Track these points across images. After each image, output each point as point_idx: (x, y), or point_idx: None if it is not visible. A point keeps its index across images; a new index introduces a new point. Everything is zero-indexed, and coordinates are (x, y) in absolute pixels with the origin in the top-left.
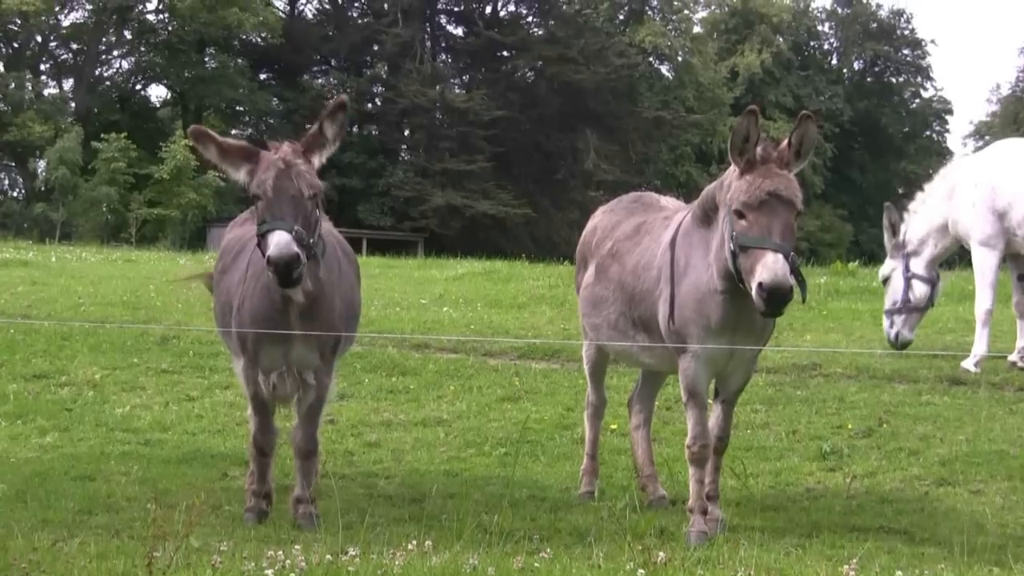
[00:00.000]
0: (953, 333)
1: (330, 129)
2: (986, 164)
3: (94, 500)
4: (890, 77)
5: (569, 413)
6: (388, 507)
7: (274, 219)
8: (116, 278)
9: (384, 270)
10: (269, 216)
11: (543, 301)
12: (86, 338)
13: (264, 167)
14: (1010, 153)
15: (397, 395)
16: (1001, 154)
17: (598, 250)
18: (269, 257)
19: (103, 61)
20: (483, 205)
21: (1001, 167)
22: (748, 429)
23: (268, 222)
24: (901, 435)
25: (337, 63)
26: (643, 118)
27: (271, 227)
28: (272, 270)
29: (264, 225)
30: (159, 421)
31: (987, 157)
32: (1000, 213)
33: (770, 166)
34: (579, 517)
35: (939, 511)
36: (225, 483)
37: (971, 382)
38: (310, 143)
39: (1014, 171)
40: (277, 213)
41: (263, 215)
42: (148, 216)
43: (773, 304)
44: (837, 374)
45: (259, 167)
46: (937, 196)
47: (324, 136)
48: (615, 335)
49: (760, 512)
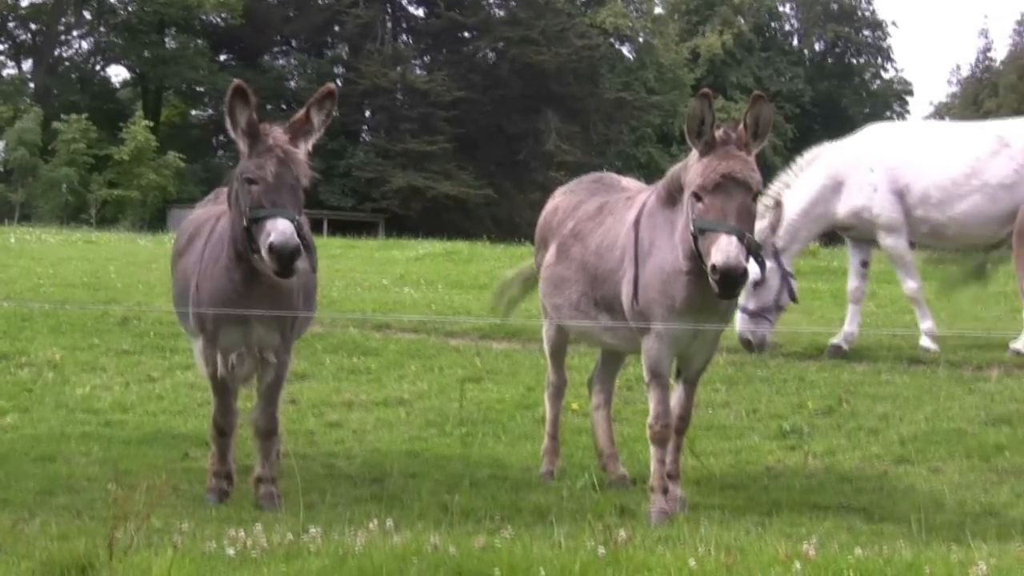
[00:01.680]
0: (911, 313)
1: (317, 116)
2: (875, 148)
3: (55, 481)
4: (851, 58)
5: (530, 393)
6: (349, 487)
7: (274, 206)
8: (76, 259)
9: (345, 251)
10: (267, 202)
11: None
12: (46, 319)
13: (263, 150)
14: (893, 135)
15: (358, 375)
16: (884, 137)
17: (559, 230)
18: (272, 245)
19: (63, 42)
20: (444, 186)
21: (895, 148)
22: (709, 408)
23: (266, 208)
24: (861, 414)
25: (298, 44)
26: (604, 99)
27: (271, 214)
28: (275, 259)
29: (261, 211)
30: (120, 402)
31: (870, 142)
32: (899, 194)
33: (728, 148)
34: (540, 496)
35: (898, 489)
36: (186, 463)
37: (930, 361)
38: (296, 129)
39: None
40: (277, 201)
41: (259, 200)
42: (108, 197)
43: (727, 286)
44: (797, 354)
45: (258, 147)
46: (814, 188)
47: (310, 123)
48: (577, 315)
49: (720, 491)
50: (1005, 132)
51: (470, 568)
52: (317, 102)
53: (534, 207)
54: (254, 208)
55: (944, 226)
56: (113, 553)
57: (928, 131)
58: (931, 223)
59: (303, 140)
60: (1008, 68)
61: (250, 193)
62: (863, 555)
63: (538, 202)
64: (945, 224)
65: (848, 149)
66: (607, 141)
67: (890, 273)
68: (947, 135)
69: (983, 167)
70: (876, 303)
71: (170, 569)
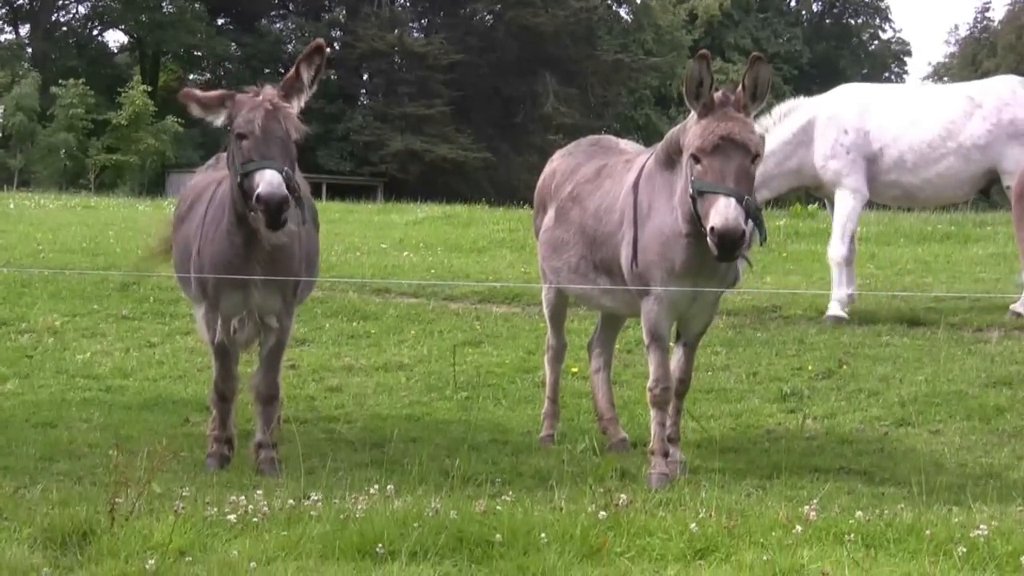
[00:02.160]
0: (911, 274)
1: (306, 73)
2: (850, 109)
3: (55, 447)
4: (848, 19)
5: (530, 357)
6: (350, 452)
7: (262, 159)
8: (75, 225)
9: (344, 215)
10: (257, 155)
11: (503, 245)
12: (46, 285)
13: (249, 107)
14: (868, 97)
15: (358, 340)
16: (859, 99)
17: (558, 193)
18: (259, 195)
19: (60, 6)
20: (442, 149)
21: (869, 112)
22: (708, 371)
23: (255, 161)
24: (861, 376)
25: (295, 7)
26: (602, 61)
27: (259, 166)
28: (263, 209)
29: (251, 164)
30: (120, 367)
31: (846, 103)
32: (871, 158)
33: (727, 110)
34: (541, 460)
35: (898, 451)
36: (187, 429)
37: (930, 323)
38: (288, 87)
39: (884, 114)
40: (266, 153)
41: (248, 154)
42: (107, 162)
43: (725, 248)
44: (797, 316)
45: (240, 107)
46: (784, 140)
47: (301, 80)
48: (576, 278)
49: (721, 454)
50: (975, 93)
51: (471, 532)
52: (306, 58)
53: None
54: (244, 163)
55: (918, 188)
56: (114, 519)
57: (901, 94)
58: (903, 186)
59: (295, 97)
60: (1006, 28)
61: (241, 149)
62: (864, 518)
63: (536, 165)
64: (919, 187)
65: (824, 107)
66: (605, 103)
67: (888, 235)
68: (920, 98)
69: (958, 129)
70: (876, 265)
71: (171, 535)
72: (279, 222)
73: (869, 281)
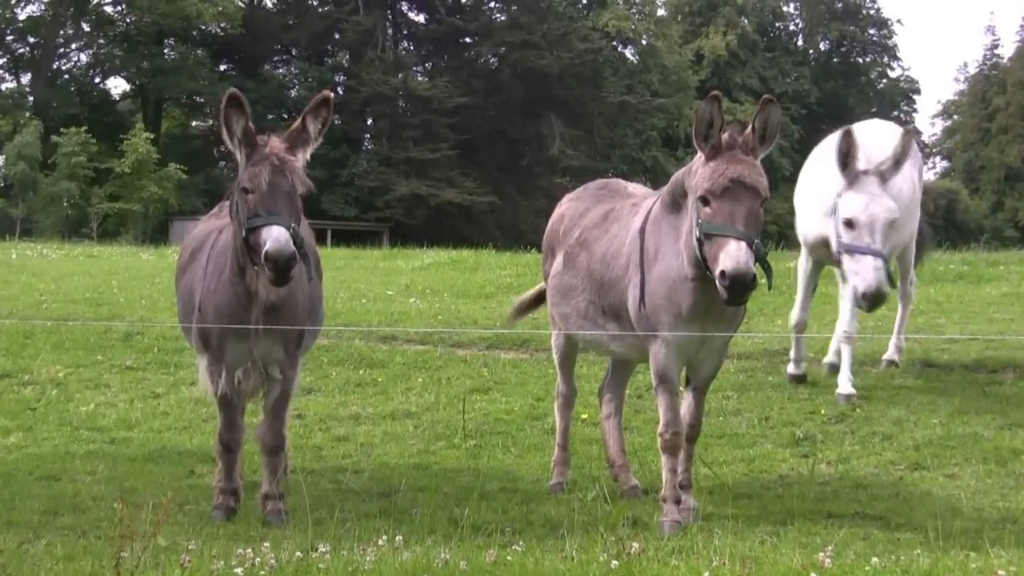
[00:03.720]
0: (924, 315)
1: (313, 125)
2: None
3: (60, 500)
4: (856, 57)
5: (539, 403)
6: (358, 502)
7: (269, 214)
8: (78, 274)
9: (349, 261)
10: (263, 210)
11: (511, 290)
12: (49, 336)
13: (257, 159)
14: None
15: (365, 388)
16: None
17: (566, 238)
18: (267, 253)
19: (61, 54)
20: (448, 194)
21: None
22: (720, 416)
23: (262, 216)
24: (874, 419)
25: (298, 52)
26: (608, 103)
27: (266, 222)
28: (271, 267)
29: (257, 219)
30: (124, 419)
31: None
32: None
33: (735, 152)
34: (551, 508)
35: (914, 496)
36: (192, 481)
37: (944, 364)
38: (293, 139)
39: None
40: (272, 208)
41: (254, 209)
42: (109, 210)
43: (735, 292)
44: (809, 359)
45: (254, 157)
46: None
47: (307, 132)
48: (585, 324)
49: (734, 500)
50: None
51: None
52: (313, 110)
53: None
54: (251, 217)
55: None
56: (120, 573)
57: None
58: None
59: (301, 149)
60: (1016, 64)
61: (247, 203)
62: (880, 564)
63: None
64: None
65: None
66: (611, 145)
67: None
68: None
69: None
70: (888, 306)
71: None
72: (287, 278)
73: (881, 323)
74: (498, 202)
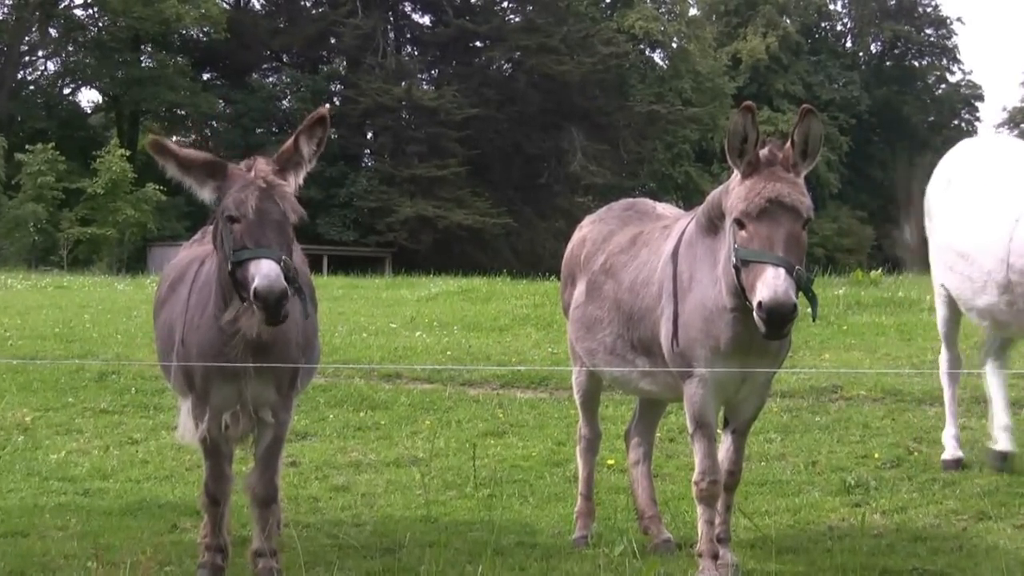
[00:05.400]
0: None
1: (307, 146)
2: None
3: (27, 559)
4: (912, 60)
5: (560, 448)
6: (358, 559)
7: (258, 246)
8: (46, 307)
9: (348, 291)
10: (251, 242)
11: (527, 322)
12: (15, 376)
13: (240, 185)
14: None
15: (366, 432)
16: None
17: (589, 265)
18: (256, 291)
19: (27, 63)
20: (457, 215)
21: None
22: (762, 461)
23: (250, 248)
24: (934, 464)
25: (290, 59)
26: (635, 113)
27: (254, 254)
28: (260, 305)
29: (244, 252)
30: (99, 468)
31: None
32: None
33: (774, 169)
34: (574, 565)
35: (979, 549)
36: (175, 536)
37: (1011, 402)
38: (284, 160)
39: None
40: (261, 240)
41: (241, 240)
42: (81, 236)
43: (774, 325)
44: (860, 397)
45: (231, 183)
46: None
47: (300, 153)
48: (613, 360)
49: (777, 555)
50: None
51: None
52: (307, 129)
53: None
54: (237, 249)
55: None
56: None
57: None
58: None
59: (292, 173)
60: None
61: (232, 232)
62: None
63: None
64: None
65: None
66: (639, 160)
67: None
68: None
69: None
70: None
71: None
72: (279, 317)
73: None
74: (513, 224)
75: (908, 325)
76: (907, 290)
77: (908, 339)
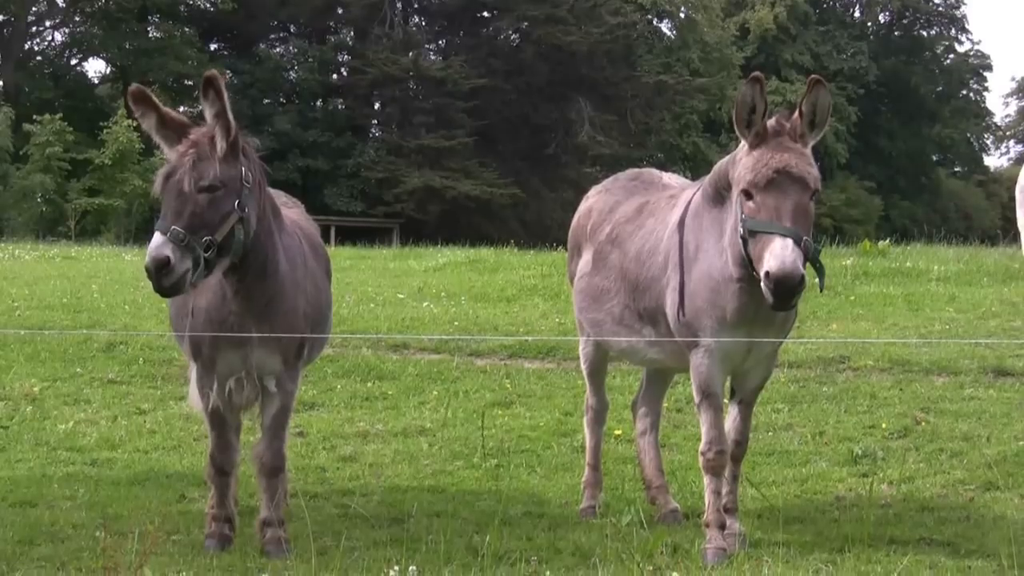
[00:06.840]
0: (997, 318)
1: (208, 111)
2: None
3: (35, 529)
4: (920, 30)
5: (567, 418)
6: (366, 529)
7: (158, 219)
8: (54, 278)
9: (356, 262)
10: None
11: (535, 293)
12: (22, 347)
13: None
14: None
15: (374, 402)
16: None
17: (595, 235)
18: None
19: (33, 34)
20: (465, 186)
21: None
22: (769, 431)
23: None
24: (942, 434)
25: (297, 30)
26: (643, 84)
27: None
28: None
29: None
30: (107, 438)
31: None
32: None
33: (781, 139)
34: (581, 535)
35: (986, 519)
36: (182, 506)
37: (1019, 372)
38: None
39: None
40: (161, 212)
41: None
42: (89, 207)
43: (781, 295)
44: (868, 367)
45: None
46: None
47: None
48: (620, 330)
49: (785, 525)
50: None
51: None
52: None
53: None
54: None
55: None
56: None
57: None
58: None
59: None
60: None
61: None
62: None
63: (570, 201)
64: None
65: None
66: (647, 131)
67: (970, 274)
68: None
69: None
70: (956, 308)
71: None
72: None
73: (949, 326)
74: (520, 195)
75: (916, 295)
76: (915, 260)
77: (916, 309)
